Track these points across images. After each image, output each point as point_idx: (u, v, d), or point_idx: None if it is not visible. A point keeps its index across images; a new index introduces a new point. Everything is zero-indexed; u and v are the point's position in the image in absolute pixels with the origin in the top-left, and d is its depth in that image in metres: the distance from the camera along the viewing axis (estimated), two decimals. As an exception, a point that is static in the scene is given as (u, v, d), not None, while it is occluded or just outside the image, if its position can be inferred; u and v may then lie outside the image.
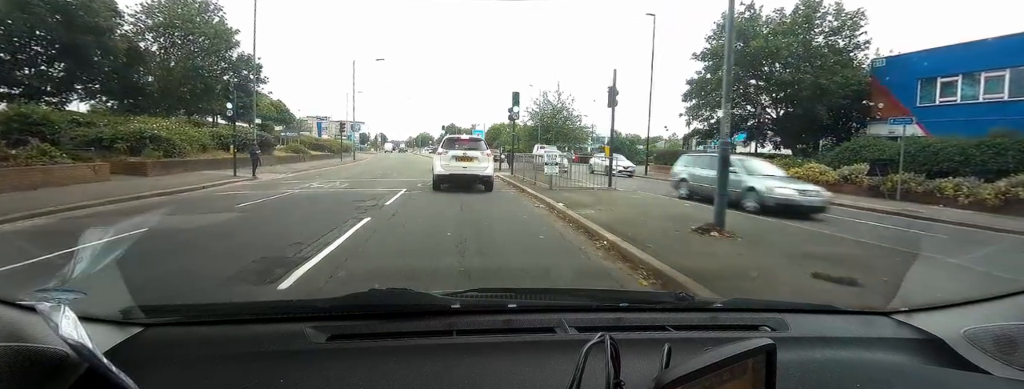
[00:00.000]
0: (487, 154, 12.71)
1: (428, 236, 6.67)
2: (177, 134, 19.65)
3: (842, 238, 7.18)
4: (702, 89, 27.39)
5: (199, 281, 4.22)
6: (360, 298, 1.37)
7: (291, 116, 52.80)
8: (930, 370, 1.14)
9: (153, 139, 18.07)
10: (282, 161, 28.83)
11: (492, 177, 12.88)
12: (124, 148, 17.59)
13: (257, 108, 40.38)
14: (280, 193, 11.80)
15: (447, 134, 13.78)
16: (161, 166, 17.40)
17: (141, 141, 17.82)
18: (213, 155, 21.43)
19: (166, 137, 18.49)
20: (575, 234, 6.98)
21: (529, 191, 12.55)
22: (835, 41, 25.03)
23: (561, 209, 8.84)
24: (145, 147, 17.70)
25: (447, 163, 12.43)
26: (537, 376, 0.98)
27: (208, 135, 22.60)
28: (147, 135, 17.97)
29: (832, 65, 24.38)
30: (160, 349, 1.07)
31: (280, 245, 5.62)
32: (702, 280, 4.16)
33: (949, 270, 5.11)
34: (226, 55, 29.88)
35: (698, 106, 28.80)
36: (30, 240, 6.09)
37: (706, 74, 27.38)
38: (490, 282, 4.31)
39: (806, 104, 23.55)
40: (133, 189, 11.84)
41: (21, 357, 0.76)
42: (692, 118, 30.02)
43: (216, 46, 28.63)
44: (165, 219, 7.68)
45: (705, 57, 27.37)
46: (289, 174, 20.36)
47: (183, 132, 20.65)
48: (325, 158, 38.91)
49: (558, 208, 9.05)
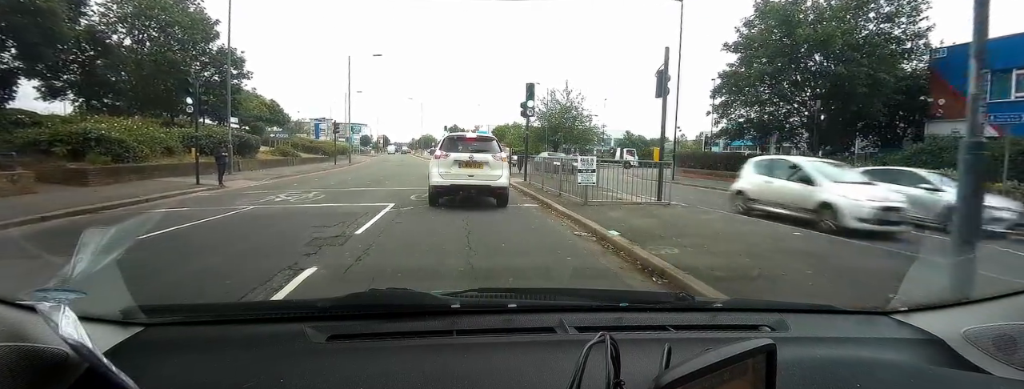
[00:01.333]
0: (501, 157, 9.69)
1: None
2: (134, 135, 16.75)
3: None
4: (735, 84, 24.33)
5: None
6: (360, 298, 1.39)
7: (285, 117, 50.06)
8: (930, 370, 1.12)
9: (100, 141, 15.18)
10: (266, 165, 25.94)
11: (508, 188, 9.89)
12: (64, 152, 14.76)
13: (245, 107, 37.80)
14: (227, 211, 8.86)
15: (449, 133, 10.44)
16: (109, 173, 14.55)
17: (85, 143, 14.94)
18: (180, 159, 18.55)
19: (117, 138, 15.58)
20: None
21: (556, 206, 9.55)
22: (888, 29, 22.00)
23: (619, 242, 5.87)
24: (90, 150, 14.83)
25: (448, 170, 9.45)
26: (537, 376, 0.97)
27: (177, 137, 19.67)
28: (92, 136, 15.07)
29: (887, 56, 21.33)
30: (160, 349, 1.06)
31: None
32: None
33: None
34: (205, 48, 27.05)
35: (728, 103, 25.79)
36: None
37: (740, 67, 24.33)
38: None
39: (861, 100, 20.46)
40: (42, 206, 9.01)
41: (21, 357, 0.75)
42: (720, 116, 27.03)
43: (193, 38, 25.80)
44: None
45: (738, 48, 24.35)
46: (265, 181, 17.48)
47: (144, 133, 17.77)
48: (318, 161, 36.03)
49: (613, 239, 6.08)
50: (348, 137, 52.12)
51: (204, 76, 27.49)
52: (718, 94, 26.07)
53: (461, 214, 8.63)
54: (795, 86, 23.79)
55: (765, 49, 22.31)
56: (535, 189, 13.59)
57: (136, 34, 26.02)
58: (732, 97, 25.29)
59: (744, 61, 24.19)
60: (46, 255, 4.08)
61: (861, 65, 19.98)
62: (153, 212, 8.91)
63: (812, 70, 23.04)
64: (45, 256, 3.74)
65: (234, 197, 11.69)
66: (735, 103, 25.63)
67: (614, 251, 5.68)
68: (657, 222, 7.57)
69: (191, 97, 14.64)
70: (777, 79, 23.14)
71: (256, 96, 44.70)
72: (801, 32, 20.32)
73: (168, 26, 25.63)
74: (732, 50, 24.56)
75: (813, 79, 23.03)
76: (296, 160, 32.21)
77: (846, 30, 20.41)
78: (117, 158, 15.34)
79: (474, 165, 9.41)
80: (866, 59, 20.28)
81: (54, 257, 1.40)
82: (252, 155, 26.23)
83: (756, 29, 23.55)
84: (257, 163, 25.36)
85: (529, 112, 16.52)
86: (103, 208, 9.53)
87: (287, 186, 15.45)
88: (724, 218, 8.44)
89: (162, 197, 11.70)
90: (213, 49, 26.86)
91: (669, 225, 7.29)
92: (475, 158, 9.42)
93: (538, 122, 44.13)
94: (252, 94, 43.13)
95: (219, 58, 26.27)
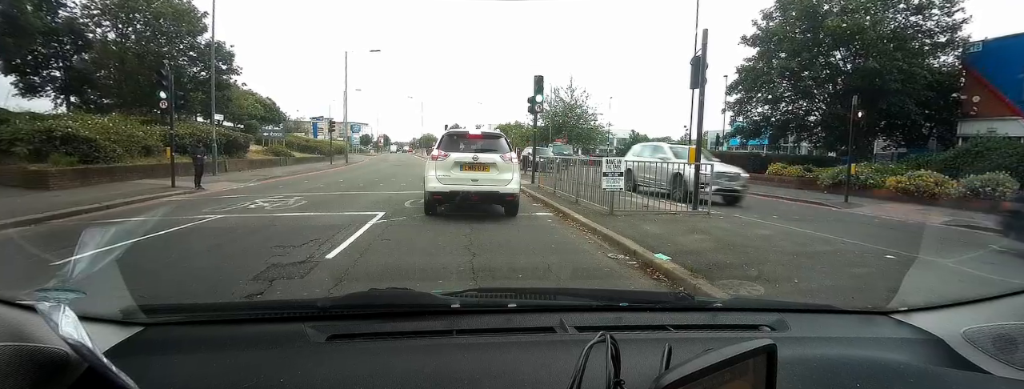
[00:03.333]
0: (510, 158, 8.17)
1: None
2: (108, 134, 15.33)
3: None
4: (754, 79, 22.84)
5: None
6: (360, 298, 1.41)
7: (281, 115, 48.65)
8: (930, 370, 1.11)
9: (66, 140, 13.77)
10: (256, 165, 24.52)
11: (518, 195, 8.39)
12: (25, 152, 13.38)
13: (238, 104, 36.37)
14: (182, 222, 7.39)
15: (448, 130, 8.82)
16: (76, 175, 13.19)
17: (49, 143, 13.55)
18: (159, 160, 17.12)
19: (86, 137, 14.17)
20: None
21: (575, 216, 8.07)
22: (918, 21, 20.51)
23: (674, 273, 4.37)
24: (54, 151, 13.43)
25: (447, 173, 7.95)
26: (537, 376, 0.96)
27: (158, 135, 18.21)
28: (57, 135, 13.67)
29: (916, 50, 19.84)
30: (160, 349, 1.06)
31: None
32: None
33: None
34: (193, 42, 25.61)
35: (745, 100, 24.32)
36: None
37: (759, 62, 22.85)
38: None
39: (892, 96, 18.95)
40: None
41: (21, 357, 0.74)
42: (736, 114, 25.55)
43: (179, 31, 24.36)
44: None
45: (756, 41, 22.86)
46: (250, 183, 16.05)
47: (120, 131, 16.34)
48: (313, 161, 34.60)
49: (663, 267, 4.56)
50: (348, 136, 50.68)
51: (192, 71, 26.10)
52: (734, 91, 24.62)
53: (462, 227, 7.19)
54: (817, 82, 22.25)
55: (789, 43, 20.81)
56: (546, 193, 12.13)
57: (120, 28, 24.61)
58: (749, 94, 23.81)
59: (763, 56, 22.72)
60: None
61: (894, 59, 18.50)
62: (90, 226, 7.44)
63: (836, 65, 21.56)
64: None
65: (204, 203, 10.26)
66: (753, 100, 24.17)
67: (670, 287, 4.20)
68: (709, 239, 6.08)
69: (165, 91, 13.16)
70: (799, 75, 21.62)
71: (251, 93, 43.30)
72: (830, 24, 18.80)
73: (153, 18, 24.21)
74: (750, 44, 23.09)
75: (838, 74, 21.53)
76: (289, 160, 30.79)
77: (876, 22, 18.94)
78: (86, 159, 13.95)
79: (479, 167, 7.92)
80: (898, 52, 18.80)
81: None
82: (241, 154, 24.79)
83: (776, 22, 22.08)
84: (246, 163, 23.96)
85: (538, 109, 15.04)
86: (54, 216, 8.16)
87: (271, 189, 14.02)
88: (787, 233, 6.90)
89: (125, 203, 10.31)
90: (201, 43, 25.43)
91: (726, 244, 5.78)
92: (480, 159, 7.92)
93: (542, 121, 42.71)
94: (247, 92, 41.77)
95: (208, 52, 24.87)
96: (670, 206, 9.05)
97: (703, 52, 8.42)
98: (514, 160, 8.24)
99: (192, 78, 25.69)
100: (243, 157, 24.81)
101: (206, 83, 23.83)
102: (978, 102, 20.28)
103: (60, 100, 24.78)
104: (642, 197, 9.47)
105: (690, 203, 8.89)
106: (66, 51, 22.98)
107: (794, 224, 8.12)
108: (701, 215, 8.25)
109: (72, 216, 8.63)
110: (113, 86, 24.33)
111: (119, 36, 24.72)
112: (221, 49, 25.96)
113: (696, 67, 8.53)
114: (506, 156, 8.10)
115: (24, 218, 7.87)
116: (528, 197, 11.38)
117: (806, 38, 20.66)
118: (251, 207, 9.62)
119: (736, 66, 24.07)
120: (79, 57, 22.71)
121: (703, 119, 8.92)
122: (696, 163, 8.91)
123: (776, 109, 23.94)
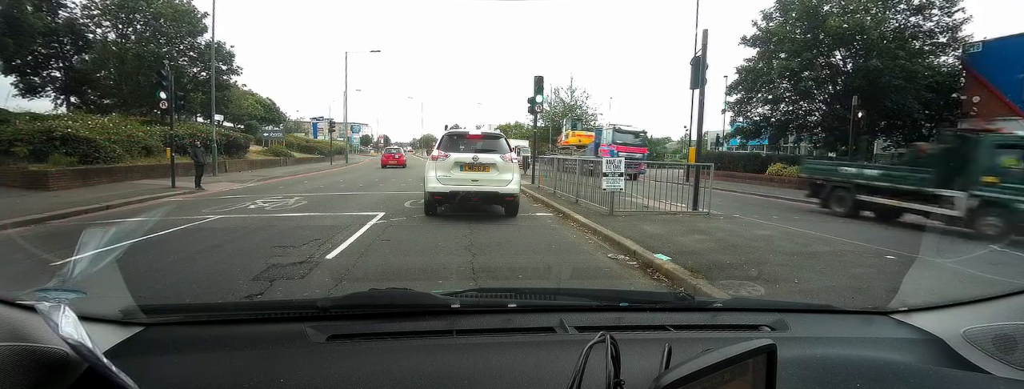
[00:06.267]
0: (510, 158, 8.18)
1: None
2: (108, 134, 15.35)
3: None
4: (754, 80, 22.82)
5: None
6: (360, 298, 1.40)
7: (281, 115, 48.66)
8: (930, 370, 1.11)
9: (66, 140, 13.78)
10: (256, 166, 24.52)
11: (518, 195, 8.42)
12: (25, 152, 13.38)
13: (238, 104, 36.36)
14: (182, 223, 7.39)
15: (448, 130, 8.77)
16: (76, 175, 13.18)
17: (49, 143, 13.56)
18: (159, 160, 17.13)
19: (86, 138, 14.18)
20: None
21: (575, 217, 8.09)
22: (917, 22, 20.51)
23: (674, 273, 4.38)
24: (54, 151, 13.45)
25: (447, 174, 7.97)
26: (537, 376, 0.96)
27: (158, 135, 18.22)
28: (56, 135, 13.67)
29: (919, 49, 19.85)
30: (160, 349, 1.05)
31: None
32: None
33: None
34: (193, 42, 25.61)
35: (745, 101, 24.29)
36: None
37: (759, 62, 22.83)
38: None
39: (893, 96, 18.96)
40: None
41: (21, 357, 0.73)
42: (736, 114, 25.53)
43: (179, 31, 24.35)
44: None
45: (756, 42, 22.85)
46: (250, 183, 16.06)
47: (120, 131, 16.35)
48: (313, 161, 34.62)
49: (664, 267, 4.59)
50: (348, 137, 50.66)
51: (192, 72, 26.11)
52: (734, 91, 24.61)
53: (462, 227, 7.19)
54: (817, 82, 22.23)
55: (790, 43, 20.82)
56: (546, 194, 12.13)
57: (119, 28, 24.61)
58: (749, 94, 23.80)
59: (763, 56, 22.71)
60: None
61: (897, 57, 18.51)
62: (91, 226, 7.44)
63: (837, 65, 21.56)
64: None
65: (204, 203, 10.26)
66: (753, 100, 24.16)
67: (670, 287, 4.21)
68: (709, 240, 6.09)
69: (165, 92, 13.16)
70: (799, 75, 21.61)
71: (251, 94, 43.31)
72: (831, 23, 18.79)
73: (153, 19, 24.21)
74: (750, 44, 23.07)
75: (838, 74, 21.52)
76: (289, 160, 30.80)
77: (879, 21, 18.94)
78: (86, 159, 13.96)
79: (479, 167, 7.93)
80: (900, 51, 18.81)
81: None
82: (241, 155, 24.81)
83: (776, 22, 22.07)
84: (246, 163, 23.97)
85: (537, 108, 15.04)
86: (49, 217, 8.14)
87: (271, 189, 14.02)
88: (787, 234, 6.91)
89: (125, 203, 10.31)
90: (201, 44, 25.44)
91: (727, 244, 5.80)
92: (480, 159, 7.92)
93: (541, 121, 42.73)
94: (247, 92, 41.78)
95: (208, 52, 24.89)
96: (670, 206, 9.05)
97: (703, 52, 8.44)
98: (514, 160, 8.24)
99: (192, 78, 25.68)
100: (243, 157, 24.83)
101: (206, 83, 23.82)
102: (978, 102, 20.28)
103: (60, 100, 24.77)
104: (643, 198, 9.47)
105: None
106: (66, 51, 22.98)
107: (794, 224, 8.12)
108: (701, 215, 8.26)
109: (72, 216, 8.63)
110: (113, 86, 24.34)
111: (119, 36, 24.73)
112: (221, 49, 25.93)
113: (696, 67, 8.55)
114: (506, 156, 8.10)
115: (24, 218, 7.88)
116: (528, 197, 11.38)
117: (806, 38, 20.64)
118: (251, 207, 9.63)
119: (736, 66, 24.08)
120: (79, 57, 22.73)
121: (703, 119, 8.89)
122: (697, 164, 8.89)
123: (776, 109, 23.93)
